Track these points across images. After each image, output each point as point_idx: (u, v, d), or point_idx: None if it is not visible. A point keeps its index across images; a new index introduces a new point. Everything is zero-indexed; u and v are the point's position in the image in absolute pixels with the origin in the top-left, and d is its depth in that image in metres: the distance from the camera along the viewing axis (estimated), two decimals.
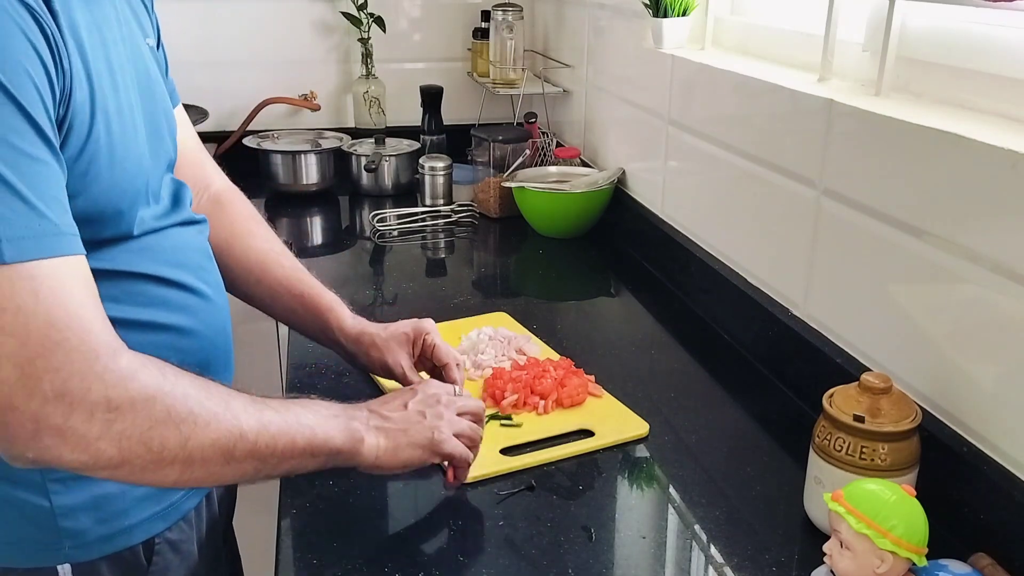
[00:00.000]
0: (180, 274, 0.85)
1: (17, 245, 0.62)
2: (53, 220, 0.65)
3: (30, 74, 0.64)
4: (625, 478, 1.02)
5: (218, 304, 0.91)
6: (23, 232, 0.62)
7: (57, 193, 0.66)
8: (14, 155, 0.63)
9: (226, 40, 2.17)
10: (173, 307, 0.84)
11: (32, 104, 0.64)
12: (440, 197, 1.98)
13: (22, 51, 0.64)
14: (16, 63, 0.64)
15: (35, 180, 0.64)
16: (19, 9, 0.65)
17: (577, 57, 2.04)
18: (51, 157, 0.66)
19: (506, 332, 1.30)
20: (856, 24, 1.16)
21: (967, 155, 0.87)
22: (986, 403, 0.88)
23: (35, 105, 0.64)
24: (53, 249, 0.64)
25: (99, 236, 0.76)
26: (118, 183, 0.76)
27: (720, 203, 1.40)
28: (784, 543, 0.90)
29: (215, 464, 0.70)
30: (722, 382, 1.24)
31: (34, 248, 0.63)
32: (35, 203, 0.63)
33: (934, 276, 0.93)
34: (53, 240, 0.64)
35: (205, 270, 0.91)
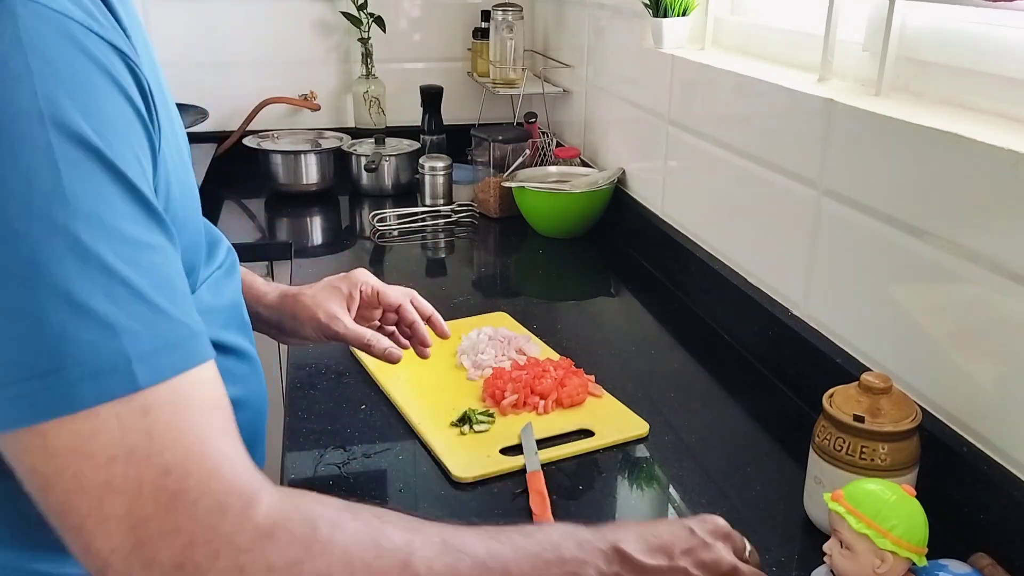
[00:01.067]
0: (234, 337, 0.75)
1: (150, 364, 0.50)
2: (183, 320, 0.53)
3: (132, 143, 0.54)
4: (625, 478, 1.02)
5: (260, 365, 0.82)
6: (153, 344, 0.51)
7: (179, 282, 0.55)
8: (131, 248, 0.51)
9: (226, 40, 2.17)
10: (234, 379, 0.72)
11: (138, 179, 0.53)
12: (440, 197, 1.98)
13: (123, 115, 0.54)
14: (120, 132, 0.53)
15: (156, 273, 0.53)
16: (114, 60, 0.53)
17: (577, 57, 2.04)
18: (165, 238, 0.55)
19: (506, 332, 1.30)
20: (856, 24, 1.16)
21: (967, 155, 0.87)
22: (986, 403, 0.88)
23: (140, 179, 0.54)
24: (190, 358, 0.53)
25: None
26: (192, 237, 0.67)
27: (720, 203, 1.40)
28: (784, 543, 0.90)
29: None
30: (722, 382, 1.24)
31: (171, 362, 0.51)
32: (161, 303, 0.52)
33: (934, 276, 0.93)
34: (189, 346, 0.53)
35: (248, 326, 0.80)
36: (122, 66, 0.54)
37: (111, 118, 0.52)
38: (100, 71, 0.52)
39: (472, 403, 1.13)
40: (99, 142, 0.51)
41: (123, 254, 0.51)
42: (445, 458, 1.01)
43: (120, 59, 0.54)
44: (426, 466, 1.02)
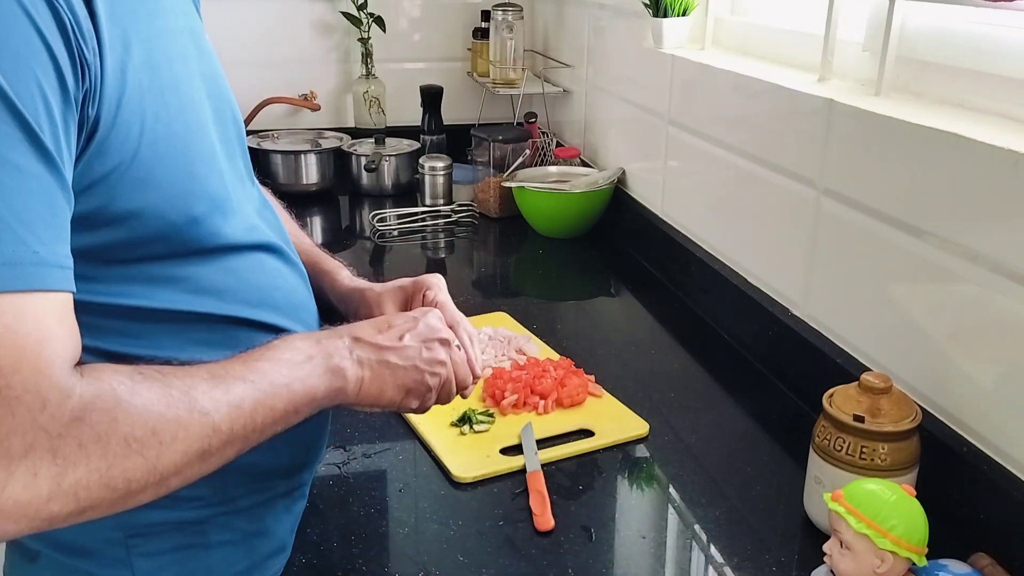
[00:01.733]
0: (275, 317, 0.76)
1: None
2: (32, 247, 0.54)
3: (36, 75, 0.55)
4: (625, 478, 1.02)
5: None
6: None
7: (45, 214, 0.55)
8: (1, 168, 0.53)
9: (226, 40, 2.17)
10: None
11: (32, 109, 0.54)
12: (440, 197, 1.98)
13: (31, 47, 0.55)
14: (20, 60, 0.54)
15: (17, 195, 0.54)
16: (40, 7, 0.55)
17: (577, 57, 2.04)
18: (47, 173, 0.56)
19: (506, 332, 1.30)
20: (856, 24, 1.16)
21: (967, 155, 0.87)
22: (986, 403, 0.88)
23: (36, 110, 0.55)
24: (27, 281, 0.54)
25: (178, 249, 0.68)
26: (188, 187, 0.67)
27: (720, 203, 1.40)
28: (784, 543, 0.90)
29: (193, 468, 0.62)
30: (722, 382, 1.24)
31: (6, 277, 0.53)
32: (13, 224, 0.53)
33: (934, 276, 0.93)
34: (29, 271, 0.54)
35: (301, 309, 0.81)
36: (45, 9, 0.55)
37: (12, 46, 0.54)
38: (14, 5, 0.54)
39: (472, 403, 1.13)
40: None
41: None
42: (445, 458, 1.01)
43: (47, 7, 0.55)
44: (426, 466, 1.02)
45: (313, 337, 0.72)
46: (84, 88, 0.58)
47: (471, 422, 1.07)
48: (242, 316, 0.72)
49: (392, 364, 0.75)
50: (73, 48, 0.57)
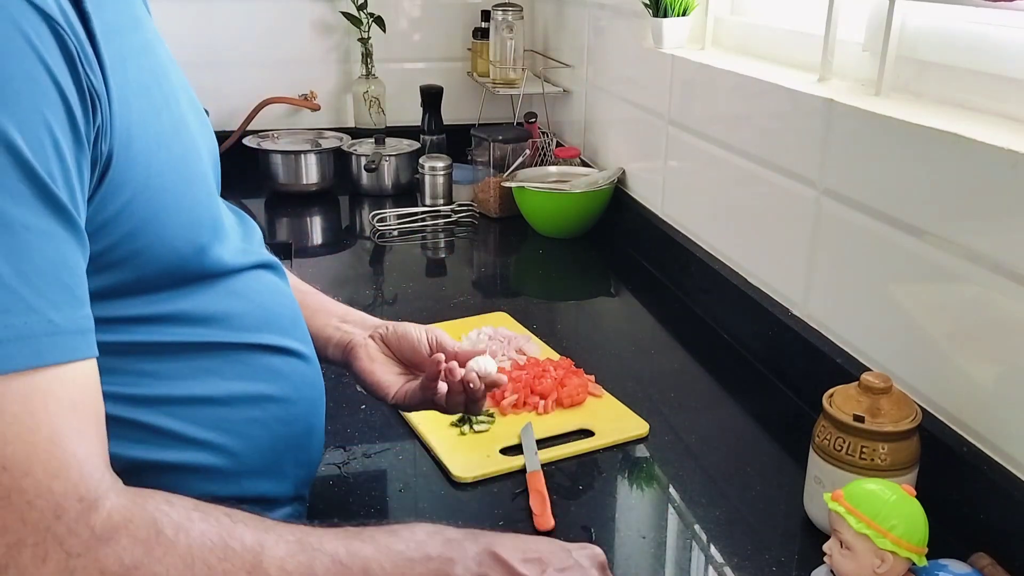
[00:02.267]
0: (279, 338, 0.73)
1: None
2: (47, 315, 0.49)
3: (45, 116, 0.50)
4: (625, 478, 1.02)
5: (316, 362, 0.80)
6: (3, 333, 0.47)
7: (59, 274, 0.50)
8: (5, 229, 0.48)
9: (226, 40, 2.17)
10: (279, 376, 0.71)
11: (43, 159, 0.49)
12: (440, 197, 1.98)
13: (33, 82, 0.49)
14: (27, 105, 0.49)
15: (28, 259, 0.48)
16: (33, 22, 0.49)
17: (577, 57, 2.04)
18: (60, 228, 0.51)
19: (506, 332, 1.30)
20: (856, 24, 1.16)
21: (967, 155, 0.87)
22: (986, 403, 0.88)
23: (47, 159, 0.50)
24: (39, 355, 0.49)
25: (183, 279, 0.64)
26: (193, 214, 0.63)
27: (720, 203, 1.40)
28: (784, 543, 0.90)
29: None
30: (722, 382, 1.24)
31: (15, 355, 0.47)
32: (21, 291, 0.48)
33: (934, 276, 0.93)
34: (43, 343, 0.49)
35: (300, 327, 0.78)
36: (43, 28, 0.50)
37: (14, 83, 0.48)
38: (17, 36, 0.49)
39: None
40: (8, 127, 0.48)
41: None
42: (445, 458, 1.01)
43: (42, 20, 0.50)
44: (426, 466, 1.02)
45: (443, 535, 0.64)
46: (96, 124, 0.53)
47: (471, 422, 1.07)
48: (251, 341, 0.70)
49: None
50: (81, 80, 0.52)
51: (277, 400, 0.70)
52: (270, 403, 0.69)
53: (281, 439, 0.71)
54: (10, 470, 0.47)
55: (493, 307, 1.44)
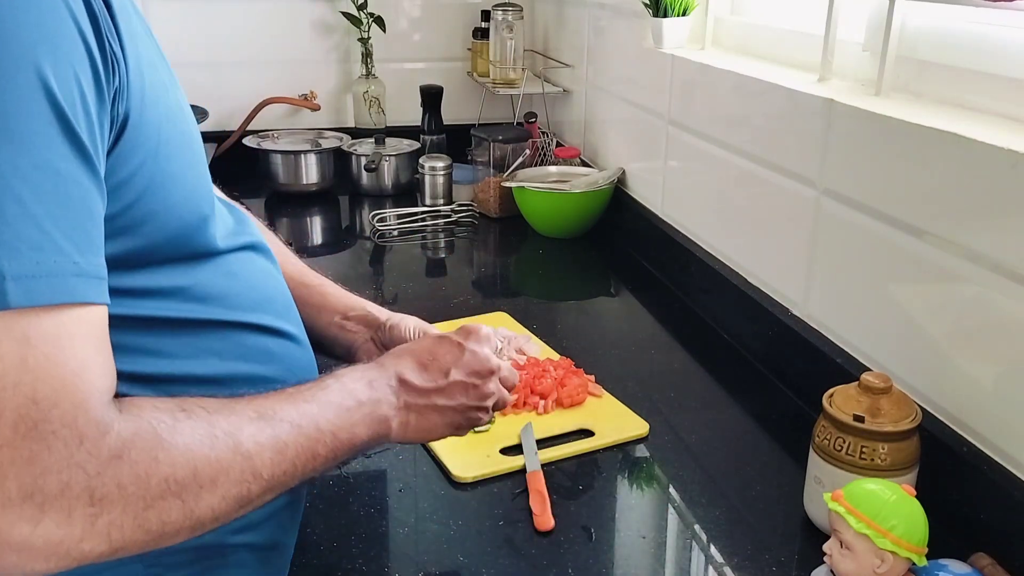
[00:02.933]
0: (273, 319, 0.74)
1: (24, 285, 0.49)
2: (73, 257, 0.51)
3: (75, 71, 0.52)
4: (625, 478, 1.02)
5: (309, 348, 0.81)
6: (33, 269, 0.49)
7: (84, 221, 0.53)
8: (37, 169, 0.50)
9: (226, 40, 2.17)
10: (273, 357, 0.73)
11: (72, 108, 0.52)
12: (440, 197, 1.98)
13: (69, 40, 0.52)
14: (61, 55, 0.51)
15: (56, 200, 0.51)
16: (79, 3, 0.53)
17: (577, 57, 2.04)
18: (87, 177, 0.53)
19: (506, 332, 1.29)
20: (856, 24, 1.16)
21: (967, 155, 0.87)
22: (986, 403, 0.88)
23: (76, 110, 0.52)
24: (67, 293, 0.51)
25: (184, 253, 0.66)
26: (196, 185, 0.66)
27: (720, 203, 1.40)
28: (784, 543, 0.90)
29: (230, 513, 0.59)
30: (722, 382, 1.24)
31: (45, 290, 0.50)
32: (52, 232, 0.50)
33: (934, 276, 0.93)
34: (70, 283, 0.51)
35: (292, 311, 0.79)
36: (83, 9, 0.53)
37: (55, 39, 0.51)
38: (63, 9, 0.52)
39: None
40: (41, 59, 0.50)
41: (26, 173, 0.50)
42: (445, 458, 1.01)
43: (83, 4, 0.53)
44: (426, 466, 1.02)
45: (365, 378, 0.71)
46: (114, 86, 0.56)
47: None
48: (247, 321, 0.71)
49: (439, 407, 0.74)
50: (104, 42, 0.55)
51: (271, 381, 0.71)
52: (264, 384, 0.70)
53: None
54: (39, 403, 0.49)
55: (493, 307, 1.44)
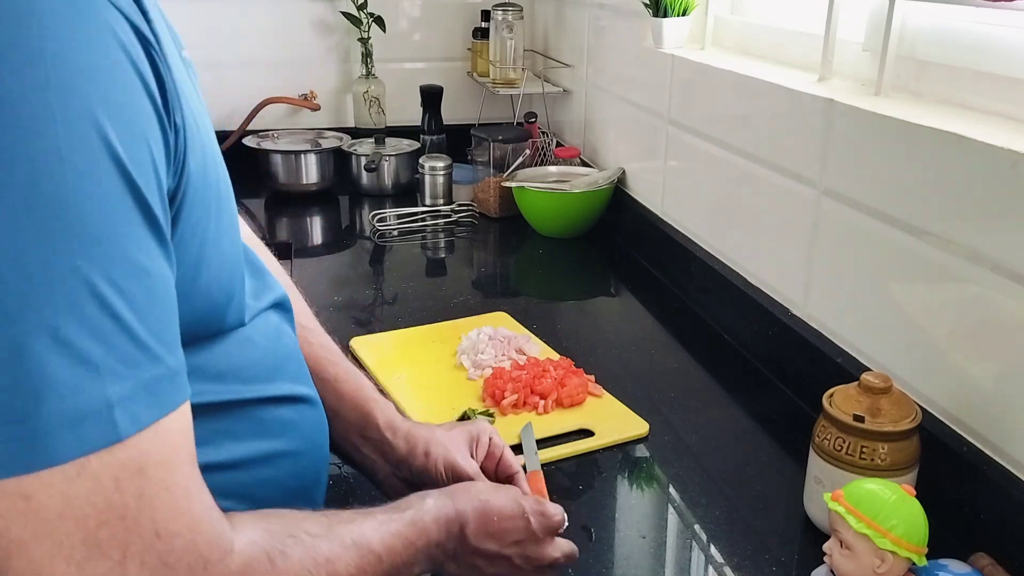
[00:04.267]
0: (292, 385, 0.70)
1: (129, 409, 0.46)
2: (167, 360, 0.49)
3: (150, 146, 0.47)
4: (625, 478, 1.02)
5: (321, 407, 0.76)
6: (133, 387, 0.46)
7: (170, 314, 0.50)
8: (130, 276, 0.46)
9: (226, 40, 2.17)
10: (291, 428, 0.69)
11: (151, 191, 0.47)
12: (440, 197, 1.98)
13: (143, 111, 0.47)
14: (136, 131, 0.46)
15: (148, 304, 0.47)
16: (135, 44, 0.47)
17: (577, 57, 2.04)
18: (165, 263, 0.50)
19: (506, 332, 1.30)
20: (856, 24, 1.16)
21: (967, 155, 0.87)
22: (986, 403, 0.88)
23: (152, 190, 0.48)
24: (167, 404, 0.48)
25: (206, 332, 0.61)
26: (229, 256, 0.61)
27: (720, 203, 1.40)
28: (784, 543, 0.90)
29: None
30: (722, 382, 1.24)
31: (148, 409, 0.47)
32: (148, 341, 0.47)
33: (934, 276, 0.93)
34: (165, 390, 0.48)
35: (302, 366, 0.75)
36: (141, 51, 0.47)
37: (130, 114, 0.46)
38: (121, 54, 0.46)
39: (472, 403, 1.13)
40: (116, 142, 0.45)
41: (118, 282, 0.46)
42: None
43: (139, 43, 0.47)
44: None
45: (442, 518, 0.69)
46: (174, 152, 0.51)
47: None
48: (263, 396, 0.67)
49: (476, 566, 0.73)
50: (169, 108, 0.50)
51: (290, 455, 0.69)
52: (283, 459, 0.68)
53: (291, 492, 0.69)
54: (162, 536, 0.48)
55: (493, 307, 1.44)
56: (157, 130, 0.48)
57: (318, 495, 0.77)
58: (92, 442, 0.45)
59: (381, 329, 1.35)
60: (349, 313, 1.43)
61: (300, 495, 0.70)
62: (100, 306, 0.45)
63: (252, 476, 0.63)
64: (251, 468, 0.64)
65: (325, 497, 0.89)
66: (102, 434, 0.45)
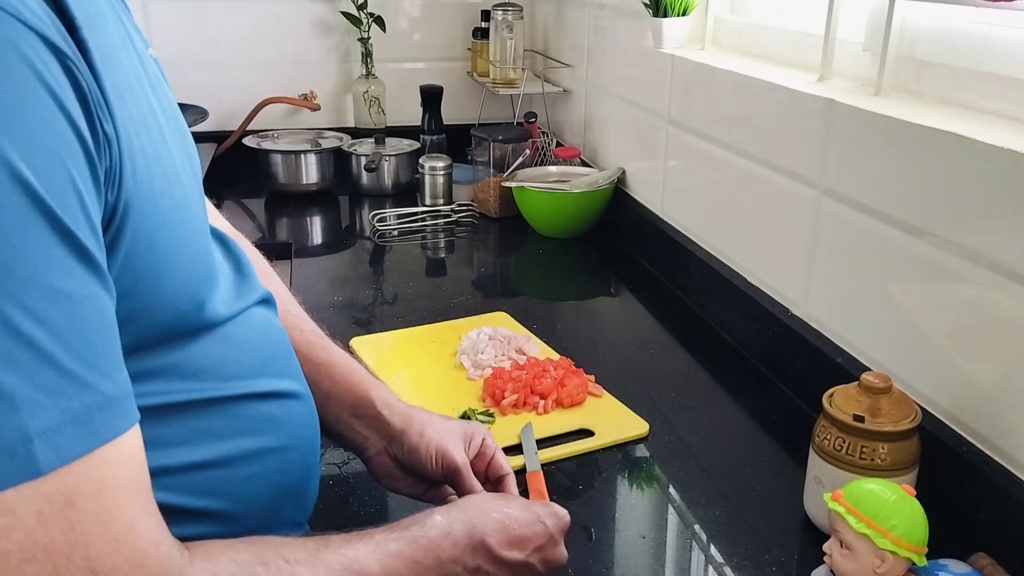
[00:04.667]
0: (279, 381, 0.69)
1: (52, 442, 0.44)
2: (99, 387, 0.46)
3: (67, 167, 0.45)
4: (625, 478, 1.02)
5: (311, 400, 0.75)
6: (58, 418, 0.44)
7: (105, 339, 0.48)
8: (47, 301, 0.44)
9: (226, 40, 2.17)
10: (279, 424, 0.68)
11: (71, 213, 0.45)
12: (440, 197, 1.98)
13: (56, 131, 0.45)
14: (49, 152, 0.44)
15: (74, 330, 0.45)
16: (46, 59, 0.44)
17: (577, 57, 2.04)
18: (97, 286, 0.47)
19: (506, 332, 1.30)
20: (856, 24, 1.16)
21: (967, 155, 0.87)
22: (986, 403, 0.88)
23: (74, 213, 0.45)
24: (99, 434, 0.46)
25: (177, 333, 0.59)
26: (194, 268, 0.59)
27: (720, 203, 1.40)
28: (784, 543, 0.90)
29: None
30: (722, 382, 1.24)
31: (75, 441, 0.45)
32: (74, 368, 0.45)
33: (934, 276, 0.93)
34: (99, 420, 0.46)
35: (295, 364, 0.74)
36: (55, 66, 0.45)
37: (37, 133, 0.44)
38: (28, 73, 0.44)
39: (472, 403, 1.13)
40: (24, 168, 0.43)
41: (33, 308, 0.43)
42: None
43: (53, 56, 0.45)
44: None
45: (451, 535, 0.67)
46: (104, 168, 0.49)
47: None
48: (246, 391, 0.65)
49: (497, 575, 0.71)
50: (95, 122, 0.48)
51: (276, 451, 0.68)
52: (269, 455, 0.67)
53: (279, 489, 0.68)
54: (98, 572, 0.45)
55: (493, 307, 1.44)
56: (78, 149, 0.46)
57: (309, 491, 0.76)
58: (7, 478, 0.43)
59: (381, 329, 1.35)
60: (349, 313, 1.43)
61: (288, 492, 0.70)
62: (13, 336, 0.43)
63: (236, 474, 0.62)
64: (235, 466, 0.63)
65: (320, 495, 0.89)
66: (18, 469, 0.43)
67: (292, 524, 0.75)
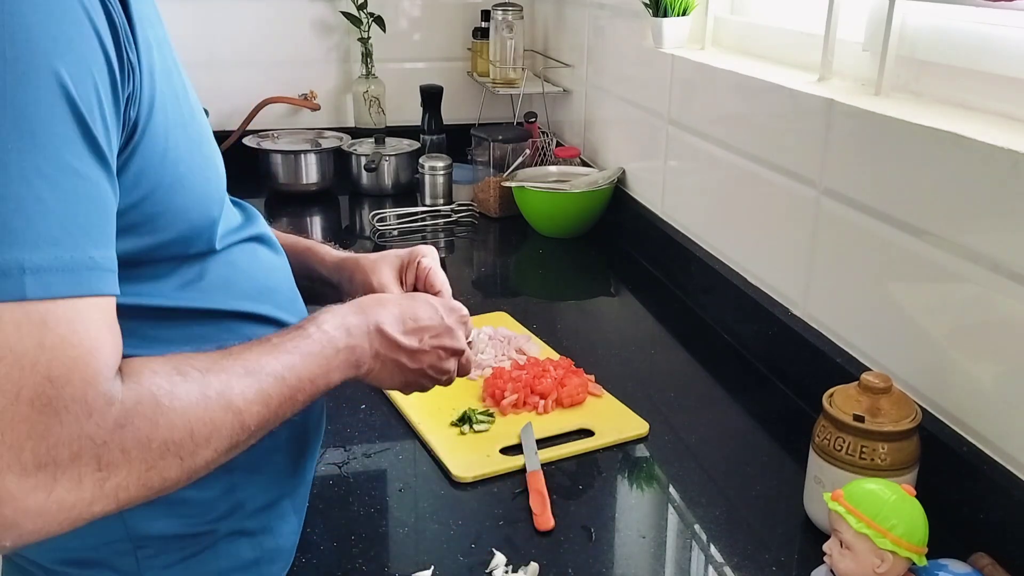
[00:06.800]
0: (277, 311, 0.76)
1: (42, 278, 0.52)
2: (88, 252, 0.55)
3: (93, 75, 0.55)
4: (625, 478, 1.02)
5: None
6: (52, 262, 0.52)
7: (100, 218, 0.56)
8: (58, 170, 0.53)
9: (226, 40, 2.17)
10: None
11: (91, 111, 0.55)
12: (440, 197, 1.98)
13: (89, 45, 0.55)
14: (80, 60, 0.54)
15: (77, 199, 0.54)
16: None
17: (577, 57, 2.04)
18: (102, 175, 0.56)
19: (506, 332, 1.30)
20: (856, 24, 1.16)
21: (967, 155, 0.87)
22: (986, 403, 0.88)
23: (93, 111, 0.55)
24: (82, 286, 0.54)
25: (192, 248, 0.68)
26: (206, 190, 0.68)
27: (720, 203, 1.40)
28: (784, 543, 0.90)
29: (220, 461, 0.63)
30: (722, 382, 1.24)
31: (62, 284, 0.53)
32: (71, 229, 0.54)
33: (934, 276, 0.93)
34: (85, 276, 0.54)
35: (296, 303, 0.81)
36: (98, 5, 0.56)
37: (74, 44, 0.54)
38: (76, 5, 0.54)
39: (472, 403, 1.13)
40: (57, 62, 0.53)
41: (47, 173, 0.52)
42: (445, 458, 1.01)
43: None
44: (426, 466, 1.02)
45: (344, 325, 0.73)
46: (127, 91, 0.58)
47: (471, 422, 1.08)
48: (246, 311, 0.73)
49: (403, 365, 0.78)
50: (122, 49, 0.57)
51: None
52: None
53: None
54: (53, 381, 0.52)
55: (493, 307, 1.44)
56: (103, 67, 0.56)
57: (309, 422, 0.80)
58: None
59: None
60: None
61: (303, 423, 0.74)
62: (25, 185, 0.52)
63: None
64: None
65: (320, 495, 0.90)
66: (9, 288, 0.51)
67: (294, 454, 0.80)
